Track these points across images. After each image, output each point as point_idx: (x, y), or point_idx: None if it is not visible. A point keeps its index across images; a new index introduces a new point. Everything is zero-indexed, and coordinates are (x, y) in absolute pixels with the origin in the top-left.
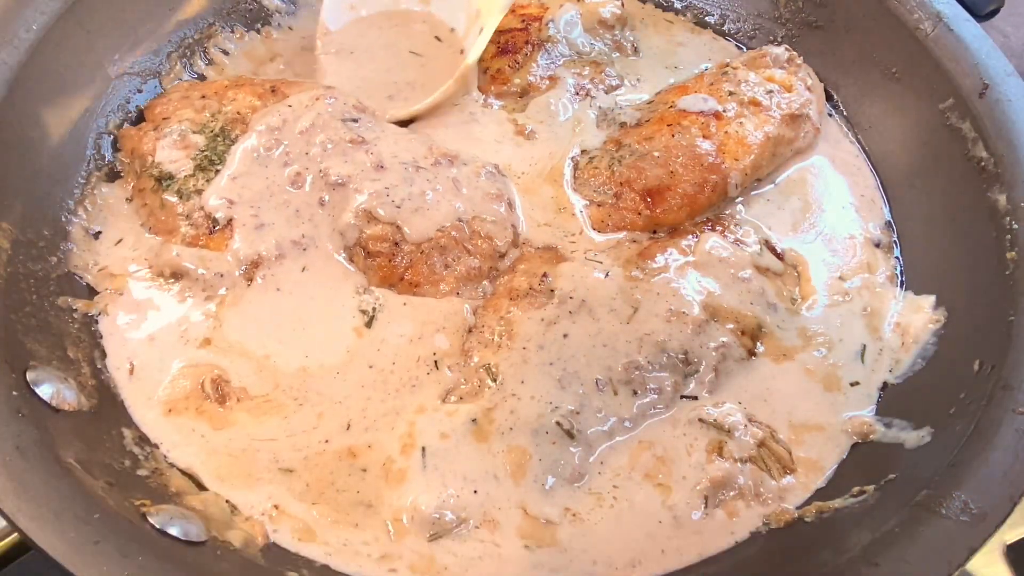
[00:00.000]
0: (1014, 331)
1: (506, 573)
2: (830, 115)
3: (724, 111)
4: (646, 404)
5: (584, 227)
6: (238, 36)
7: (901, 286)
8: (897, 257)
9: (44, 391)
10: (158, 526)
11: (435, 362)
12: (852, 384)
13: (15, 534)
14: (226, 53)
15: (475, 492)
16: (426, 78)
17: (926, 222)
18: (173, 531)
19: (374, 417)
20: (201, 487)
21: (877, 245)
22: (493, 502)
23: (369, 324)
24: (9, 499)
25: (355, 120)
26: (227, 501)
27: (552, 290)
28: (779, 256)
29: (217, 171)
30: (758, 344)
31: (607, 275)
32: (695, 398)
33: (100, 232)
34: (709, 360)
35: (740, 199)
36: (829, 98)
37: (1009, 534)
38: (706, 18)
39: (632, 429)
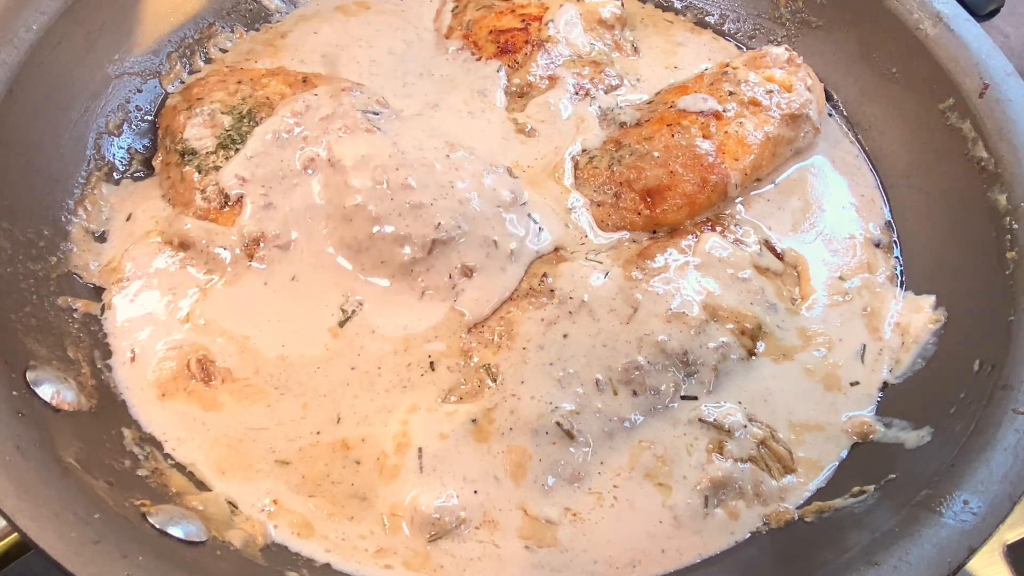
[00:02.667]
0: (1014, 331)
1: (506, 573)
2: (830, 115)
3: (724, 111)
4: (646, 404)
5: (587, 228)
6: (238, 36)
7: (901, 286)
8: (897, 257)
9: (44, 391)
10: (158, 526)
11: (431, 363)
12: (852, 384)
13: (15, 534)
14: (225, 52)
15: (475, 492)
16: None
17: (926, 222)
18: (173, 531)
19: (365, 413)
20: (201, 487)
21: (877, 245)
22: (493, 502)
23: (342, 324)
24: (9, 499)
25: (376, 113)
26: (227, 501)
27: (552, 290)
28: (779, 256)
29: (237, 150)
30: (758, 344)
31: (607, 275)
32: (695, 398)
33: (103, 232)
34: (709, 360)
35: (740, 199)
36: (829, 98)
37: (1009, 534)
38: (706, 18)
39: (632, 429)
